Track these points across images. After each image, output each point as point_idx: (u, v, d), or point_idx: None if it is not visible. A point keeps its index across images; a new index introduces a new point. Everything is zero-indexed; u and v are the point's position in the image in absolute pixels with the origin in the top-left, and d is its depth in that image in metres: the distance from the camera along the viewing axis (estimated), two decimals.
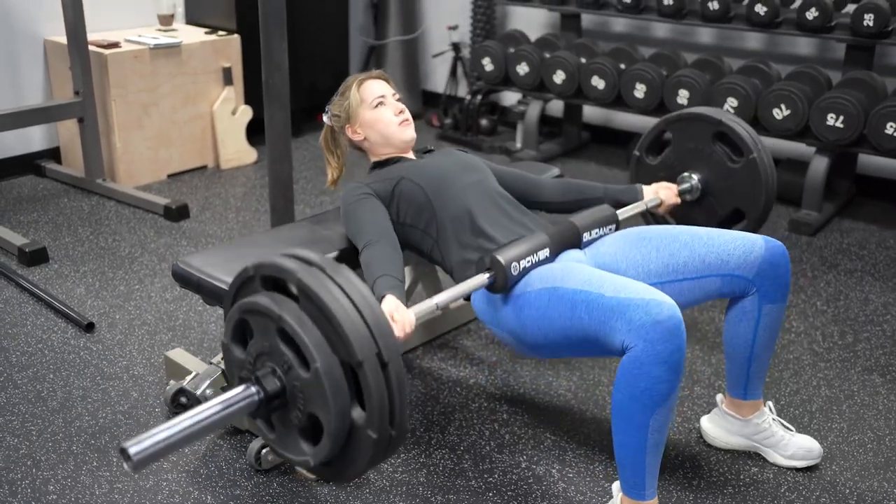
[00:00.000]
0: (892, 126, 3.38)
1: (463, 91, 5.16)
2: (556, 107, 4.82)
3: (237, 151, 4.27)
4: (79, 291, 2.96)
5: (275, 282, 1.47)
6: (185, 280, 2.05)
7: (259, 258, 1.46)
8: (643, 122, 4.58)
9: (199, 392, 2.07)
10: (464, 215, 2.05)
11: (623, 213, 2.16)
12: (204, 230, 3.52)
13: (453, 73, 5.12)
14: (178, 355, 2.35)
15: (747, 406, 2.13)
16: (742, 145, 2.29)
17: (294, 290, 1.41)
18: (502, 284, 1.86)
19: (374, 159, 2.27)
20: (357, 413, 1.40)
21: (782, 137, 3.72)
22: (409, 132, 2.23)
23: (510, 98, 5.03)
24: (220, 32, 4.20)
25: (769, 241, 1.99)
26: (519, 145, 4.60)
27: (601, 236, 2.09)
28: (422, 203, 2.08)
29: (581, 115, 4.72)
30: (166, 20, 4.25)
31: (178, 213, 3.57)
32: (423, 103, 5.37)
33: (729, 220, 2.40)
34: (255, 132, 4.30)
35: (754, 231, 2.30)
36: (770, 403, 2.19)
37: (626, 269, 2.00)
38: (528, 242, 1.91)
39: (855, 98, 3.47)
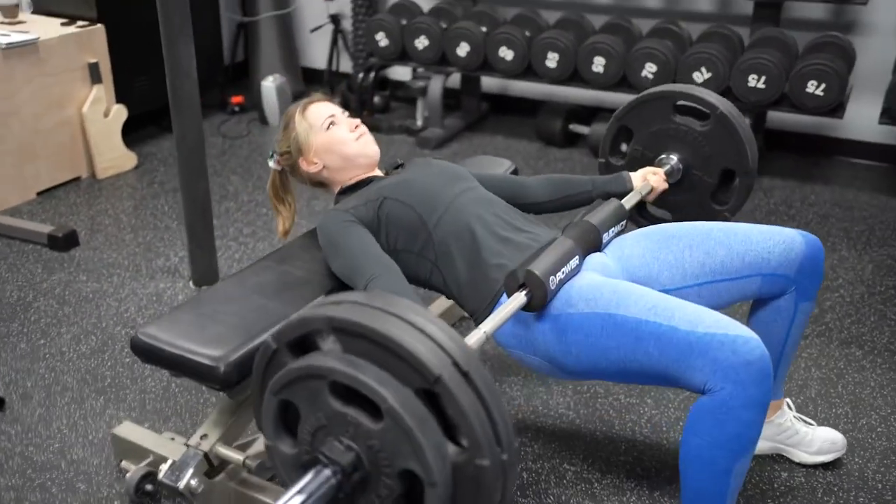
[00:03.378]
0: (813, 84, 3.37)
1: (346, 66, 4.81)
2: (453, 79, 4.57)
3: (115, 157, 3.76)
4: None
5: (303, 343, 1.19)
6: (152, 355, 1.69)
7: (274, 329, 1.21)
8: (543, 89, 4.41)
9: (181, 485, 1.72)
10: (464, 230, 1.80)
11: (625, 203, 1.96)
12: (102, 259, 3.04)
13: (334, 46, 4.75)
14: (128, 431, 1.98)
15: (771, 407, 2.03)
16: (705, 105, 2.16)
17: (328, 336, 1.15)
18: (541, 301, 1.62)
19: (339, 187, 1.99)
20: (453, 450, 1.12)
21: None
22: (371, 146, 1.98)
23: (400, 72, 4.72)
24: (80, 23, 3.64)
25: (806, 235, 1.85)
26: (420, 123, 4.33)
27: (616, 234, 1.90)
28: (414, 224, 1.82)
29: (480, 85, 4.50)
30: (10, 11, 3.63)
31: (65, 242, 3.06)
32: (305, 82, 4.97)
33: (721, 185, 2.26)
34: (129, 132, 3.82)
35: (750, 186, 2.16)
36: (788, 400, 2.10)
37: (660, 271, 1.83)
38: (557, 252, 1.67)
39: (774, 57, 3.43)
